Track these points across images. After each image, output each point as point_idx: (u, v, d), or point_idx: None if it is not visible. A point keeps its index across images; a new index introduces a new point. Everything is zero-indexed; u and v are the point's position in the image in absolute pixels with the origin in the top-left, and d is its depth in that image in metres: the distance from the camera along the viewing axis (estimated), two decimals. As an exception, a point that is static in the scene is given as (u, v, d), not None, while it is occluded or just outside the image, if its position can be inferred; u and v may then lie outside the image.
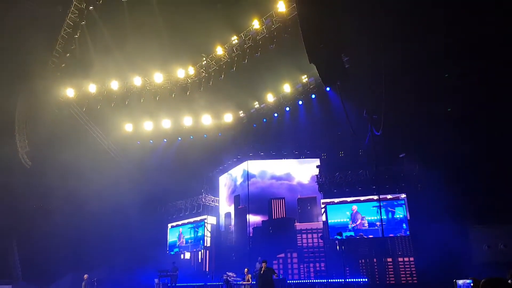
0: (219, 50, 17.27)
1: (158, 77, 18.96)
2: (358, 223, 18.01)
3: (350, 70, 13.76)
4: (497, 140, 13.88)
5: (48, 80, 19.18)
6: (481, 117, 14.11)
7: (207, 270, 21.49)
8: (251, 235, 21.22)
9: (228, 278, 15.14)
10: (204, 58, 18.01)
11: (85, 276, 16.76)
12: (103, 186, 20.01)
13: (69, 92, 19.99)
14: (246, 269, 15.11)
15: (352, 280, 16.30)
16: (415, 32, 12.47)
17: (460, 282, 10.31)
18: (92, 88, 19.65)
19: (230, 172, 24.05)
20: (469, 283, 10.34)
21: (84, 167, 19.42)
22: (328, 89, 17.24)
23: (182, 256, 23.43)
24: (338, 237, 16.76)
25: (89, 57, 18.22)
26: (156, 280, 19.25)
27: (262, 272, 12.87)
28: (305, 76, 18.27)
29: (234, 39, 16.73)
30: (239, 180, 23.22)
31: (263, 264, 13.06)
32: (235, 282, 15.01)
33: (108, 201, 20.17)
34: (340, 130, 17.86)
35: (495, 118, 13.68)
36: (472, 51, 12.69)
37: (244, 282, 14.92)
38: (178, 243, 23.78)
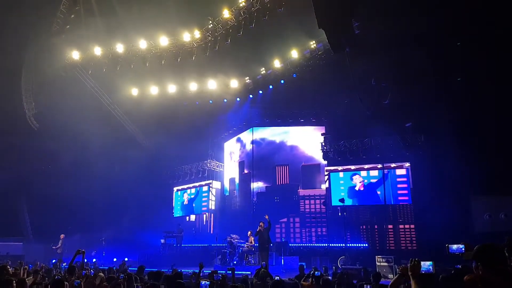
0: (226, 13, 16.84)
1: (163, 41, 18.66)
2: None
3: (360, 37, 13.44)
4: (502, 111, 13.72)
5: (53, 42, 18.95)
6: (489, 88, 13.88)
7: (211, 232, 22.08)
8: (254, 200, 21.61)
9: (232, 240, 15.57)
10: (210, 22, 17.60)
11: (62, 235, 17.19)
12: (109, 149, 20.25)
13: (75, 55, 19.82)
14: (249, 232, 15.52)
15: (352, 245, 16.73)
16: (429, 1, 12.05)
17: (454, 247, 10.57)
18: (97, 51, 19.44)
19: (235, 138, 24.16)
20: (461, 248, 10.62)
21: (90, 130, 19.57)
22: (336, 55, 16.90)
23: (187, 218, 24.04)
24: (340, 203, 17.10)
25: (94, 19, 17.87)
26: (162, 241, 19.88)
27: (258, 231, 13.53)
28: (313, 42, 17.84)
29: (242, 1, 16.26)
30: (244, 146, 23.37)
31: (260, 223, 13.65)
32: (239, 244, 15.46)
33: (114, 163, 20.47)
34: (347, 98, 17.68)
35: (502, 90, 13.45)
36: (485, 22, 12.29)
37: (247, 244, 15.37)
38: (183, 206, 24.32)
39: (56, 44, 19.01)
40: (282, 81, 19.94)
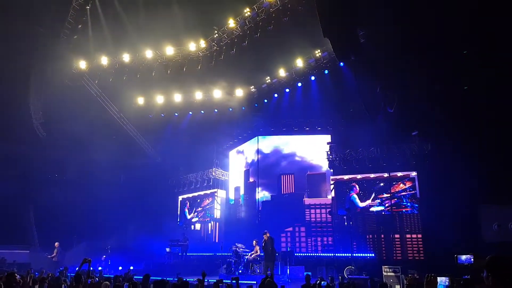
0: (231, 23, 17.01)
1: (169, 50, 18.85)
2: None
3: (365, 45, 13.48)
4: (511, 120, 13.63)
5: (60, 51, 19.20)
6: (497, 96, 13.81)
7: (216, 241, 21.98)
8: (260, 209, 21.52)
9: (237, 249, 15.47)
10: (215, 31, 17.78)
11: (56, 244, 17.17)
12: (115, 157, 20.33)
13: (82, 65, 20.07)
14: (254, 241, 15.40)
15: (359, 255, 16.55)
16: (434, 9, 12.08)
17: (463, 257, 10.46)
18: (104, 60, 19.68)
19: (240, 147, 24.17)
20: (470, 259, 10.50)
21: (96, 139, 19.71)
22: (341, 64, 16.96)
23: (192, 227, 23.97)
24: (346, 212, 16.98)
25: (101, 29, 18.12)
26: (167, 249, 19.83)
27: (264, 244, 13.45)
28: (319, 50, 17.89)
29: (247, 11, 16.43)
30: (249, 155, 23.36)
31: (264, 236, 13.61)
32: (244, 254, 15.36)
33: (120, 171, 20.54)
34: (353, 106, 17.66)
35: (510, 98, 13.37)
36: (492, 30, 12.28)
37: (253, 253, 15.27)
38: (188, 215, 24.28)
39: (64, 54, 19.26)
40: (287, 90, 20.00)
